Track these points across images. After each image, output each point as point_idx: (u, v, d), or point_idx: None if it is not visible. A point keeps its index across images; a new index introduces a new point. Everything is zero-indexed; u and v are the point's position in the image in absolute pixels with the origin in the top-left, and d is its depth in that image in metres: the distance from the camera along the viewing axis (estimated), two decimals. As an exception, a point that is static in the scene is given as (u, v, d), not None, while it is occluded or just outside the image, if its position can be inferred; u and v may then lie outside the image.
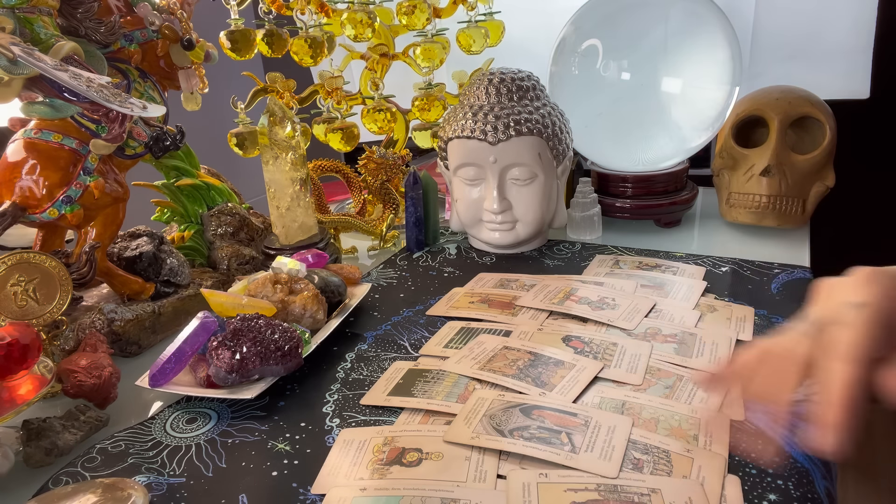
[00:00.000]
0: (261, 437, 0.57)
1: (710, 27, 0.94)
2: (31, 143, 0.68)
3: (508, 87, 0.89)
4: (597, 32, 0.99)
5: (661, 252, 0.90)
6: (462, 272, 0.90)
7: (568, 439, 0.51)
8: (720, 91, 0.95)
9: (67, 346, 0.70)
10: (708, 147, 1.07)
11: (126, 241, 0.83)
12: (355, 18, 0.96)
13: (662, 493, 0.45)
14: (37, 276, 0.64)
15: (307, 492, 0.49)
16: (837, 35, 1.20)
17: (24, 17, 0.63)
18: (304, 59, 0.99)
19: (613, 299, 0.75)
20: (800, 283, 0.78)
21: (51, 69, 0.57)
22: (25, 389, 0.55)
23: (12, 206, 0.65)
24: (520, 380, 0.60)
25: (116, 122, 0.71)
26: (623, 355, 0.63)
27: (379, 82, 1.04)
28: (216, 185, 0.96)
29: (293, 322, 0.69)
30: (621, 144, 1.01)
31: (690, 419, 0.53)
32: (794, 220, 0.93)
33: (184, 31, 0.82)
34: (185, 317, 0.79)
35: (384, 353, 0.69)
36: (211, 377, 0.60)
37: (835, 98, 1.04)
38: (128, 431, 0.60)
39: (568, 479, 0.47)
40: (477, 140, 0.87)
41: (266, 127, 0.83)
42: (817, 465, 0.48)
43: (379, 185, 1.01)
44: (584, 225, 0.98)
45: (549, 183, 0.90)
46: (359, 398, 0.61)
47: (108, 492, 0.49)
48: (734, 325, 0.68)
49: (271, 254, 0.88)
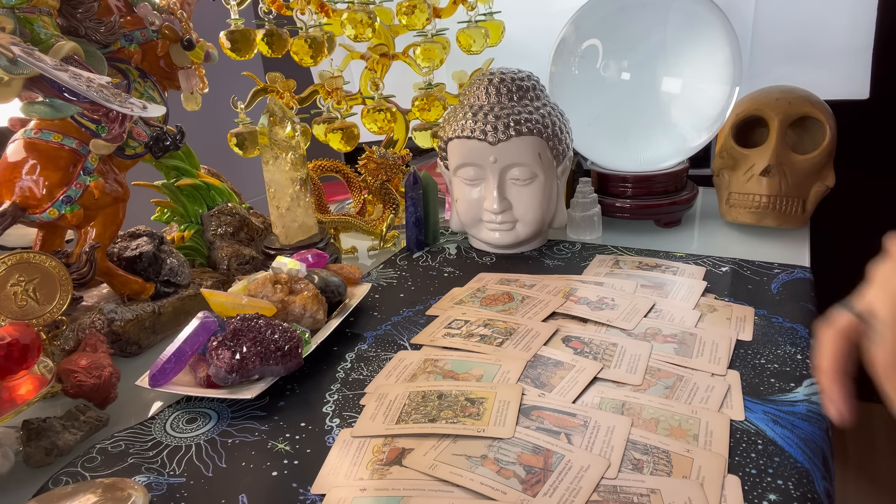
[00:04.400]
0: (261, 437, 0.57)
1: (710, 27, 0.94)
2: (31, 143, 0.68)
3: (508, 87, 0.89)
4: (597, 33, 0.99)
5: (661, 252, 0.90)
6: (462, 272, 0.90)
7: (567, 440, 0.51)
8: (720, 91, 0.95)
9: (67, 346, 0.70)
10: (708, 147, 1.07)
11: (126, 241, 0.83)
12: (355, 18, 0.96)
13: (662, 494, 0.45)
14: (37, 276, 0.64)
15: (307, 492, 0.49)
16: (837, 35, 1.20)
17: (24, 17, 0.63)
18: (304, 59, 0.99)
19: (613, 299, 0.75)
20: (800, 283, 0.78)
21: (51, 69, 0.57)
22: (25, 389, 0.55)
23: (12, 206, 0.65)
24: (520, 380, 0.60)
25: (116, 122, 0.71)
26: (623, 355, 0.63)
27: (379, 82, 1.04)
28: (216, 185, 0.96)
29: (293, 322, 0.69)
30: (621, 144, 1.01)
31: (690, 419, 0.53)
32: (794, 220, 0.93)
33: (184, 31, 0.82)
34: (185, 317, 0.79)
35: (384, 353, 0.69)
36: (211, 377, 0.60)
37: (835, 98, 1.04)
38: (128, 431, 0.60)
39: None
40: (477, 140, 0.87)
41: (266, 127, 0.83)
42: (817, 466, 0.48)
43: (379, 185, 1.01)
44: (584, 225, 0.98)
45: (549, 183, 0.90)
46: (359, 398, 0.61)
47: (108, 492, 0.49)
48: (734, 325, 0.68)
49: (271, 254, 0.88)
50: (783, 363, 0.61)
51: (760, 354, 0.63)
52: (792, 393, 0.57)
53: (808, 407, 0.55)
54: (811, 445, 0.50)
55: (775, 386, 0.58)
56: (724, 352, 0.63)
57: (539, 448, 0.50)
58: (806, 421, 0.53)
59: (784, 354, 0.63)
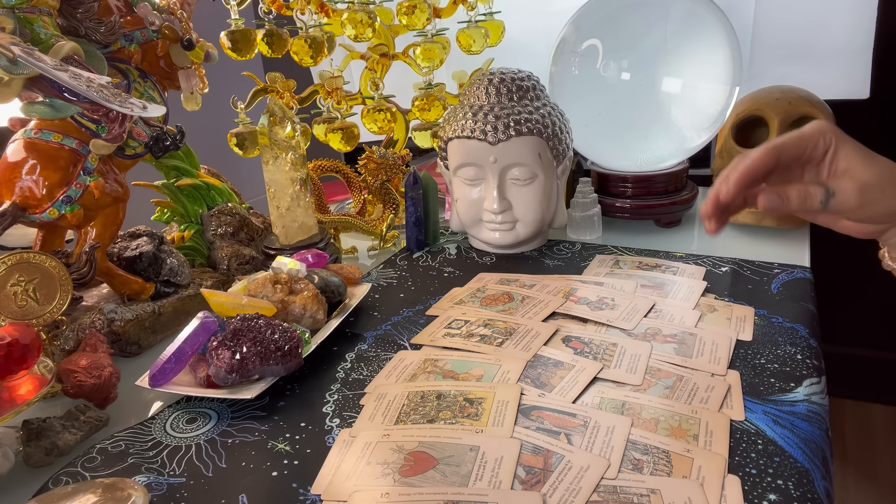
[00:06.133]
0: (261, 437, 0.57)
1: (710, 27, 0.94)
2: (31, 143, 0.68)
3: (508, 87, 0.89)
4: (597, 32, 0.99)
5: (661, 252, 0.90)
6: (462, 272, 0.90)
7: (567, 440, 0.51)
8: (720, 91, 0.95)
9: (67, 346, 0.70)
10: (708, 147, 1.06)
11: (126, 241, 0.83)
12: (355, 18, 0.96)
13: (662, 494, 0.45)
14: (37, 276, 0.64)
15: (307, 492, 0.49)
16: (837, 35, 1.20)
17: (24, 17, 0.63)
18: (304, 59, 0.99)
19: (613, 299, 0.75)
20: (800, 283, 0.78)
21: (51, 69, 0.57)
22: (25, 389, 0.55)
23: (12, 206, 0.65)
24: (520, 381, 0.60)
25: (116, 122, 0.71)
26: (623, 356, 0.63)
27: (379, 82, 1.04)
28: (216, 185, 0.96)
29: (293, 322, 0.69)
30: (621, 144, 1.01)
31: (690, 419, 0.53)
32: (794, 220, 0.93)
33: (184, 31, 0.82)
34: (185, 317, 0.79)
35: (384, 353, 0.69)
36: (211, 377, 0.60)
37: (835, 98, 1.04)
38: (128, 431, 0.60)
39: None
40: (477, 140, 0.87)
41: (266, 127, 0.83)
42: (817, 466, 0.48)
43: (379, 185, 1.01)
44: (584, 225, 0.98)
45: (549, 183, 0.90)
46: (359, 398, 0.61)
47: (108, 492, 0.49)
48: (734, 325, 0.68)
49: (271, 254, 0.88)
50: (783, 363, 0.61)
51: (760, 354, 0.63)
52: (792, 393, 0.57)
53: (808, 407, 0.55)
54: (811, 445, 0.50)
55: (775, 386, 0.58)
56: (724, 352, 0.63)
57: (539, 448, 0.50)
58: (806, 421, 0.53)
59: (784, 354, 0.63)
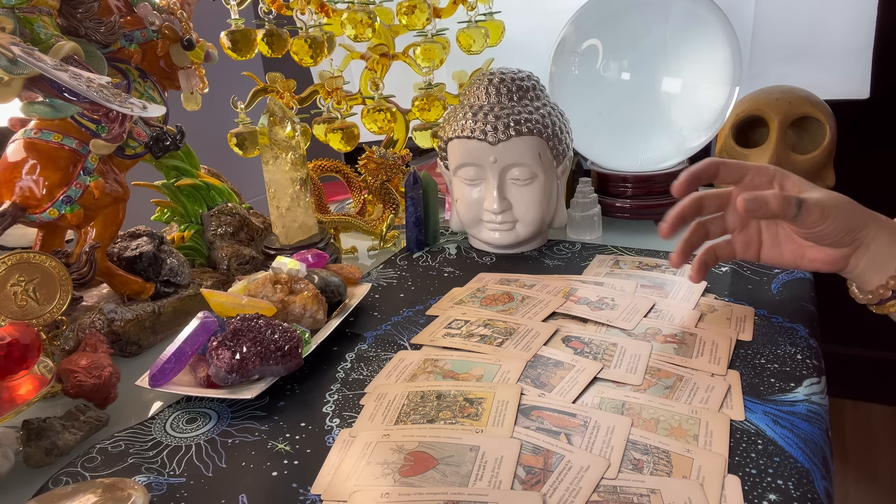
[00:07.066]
0: (261, 437, 0.57)
1: (710, 27, 0.94)
2: (31, 143, 0.68)
3: (508, 87, 0.89)
4: (597, 32, 0.99)
5: (661, 252, 0.90)
6: (462, 272, 0.90)
7: (567, 440, 0.51)
8: (720, 91, 0.95)
9: (67, 346, 0.70)
10: (708, 147, 1.07)
11: (126, 241, 0.83)
12: (355, 18, 0.96)
13: (662, 494, 0.45)
14: (37, 276, 0.64)
15: (307, 492, 0.49)
16: (837, 35, 1.20)
17: (24, 17, 0.63)
18: (304, 59, 0.99)
19: (612, 299, 0.75)
20: (800, 283, 0.78)
21: (51, 69, 0.57)
22: (25, 389, 0.55)
23: (12, 206, 0.65)
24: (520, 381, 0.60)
25: (116, 122, 0.71)
26: (623, 356, 0.63)
27: (379, 82, 1.04)
28: (216, 185, 0.96)
29: (293, 322, 0.69)
30: (621, 144, 1.01)
31: (690, 419, 0.53)
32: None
33: (184, 31, 0.82)
34: (185, 317, 0.79)
35: (384, 353, 0.69)
36: (211, 377, 0.60)
37: (835, 98, 1.04)
38: (128, 431, 0.60)
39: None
40: (477, 140, 0.87)
41: (266, 127, 0.83)
42: (817, 466, 0.48)
43: (379, 185, 1.01)
44: (584, 225, 0.98)
45: (549, 183, 0.90)
46: (359, 398, 0.61)
47: (108, 492, 0.49)
48: (734, 325, 0.68)
49: (271, 254, 0.88)
50: (783, 363, 0.61)
51: (760, 354, 0.63)
52: (792, 393, 0.57)
53: (808, 407, 0.55)
54: (811, 445, 0.50)
55: (775, 386, 0.58)
56: (724, 352, 0.63)
57: (539, 448, 0.50)
58: (806, 421, 0.53)
59: (784, 354, 0.63)
